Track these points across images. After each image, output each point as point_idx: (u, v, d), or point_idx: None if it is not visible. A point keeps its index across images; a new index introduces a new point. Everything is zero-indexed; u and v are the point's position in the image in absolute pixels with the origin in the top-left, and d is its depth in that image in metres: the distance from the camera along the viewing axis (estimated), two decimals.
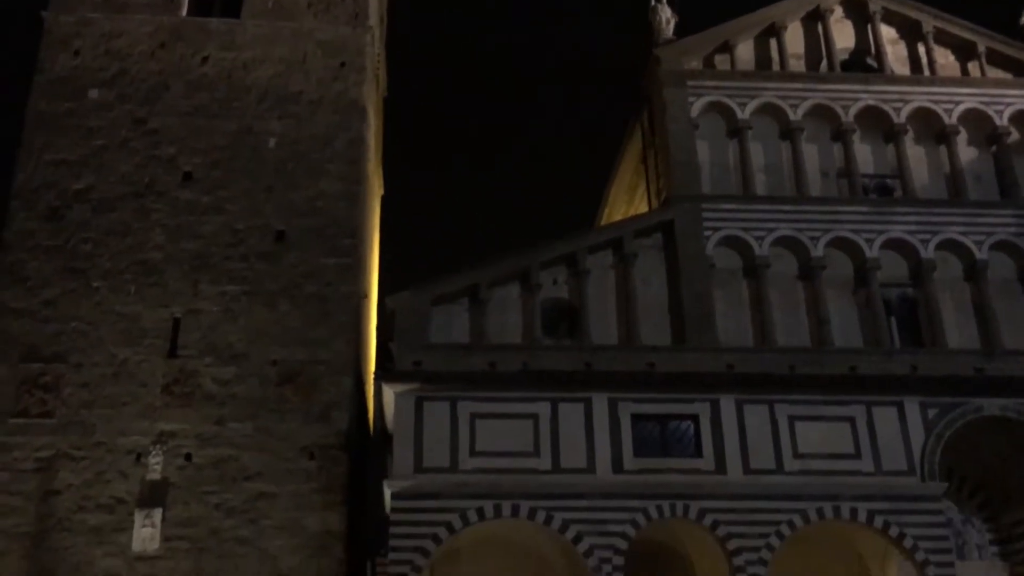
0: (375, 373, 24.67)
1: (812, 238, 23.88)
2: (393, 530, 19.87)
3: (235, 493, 22.26)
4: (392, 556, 19.62)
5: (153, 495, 22.04)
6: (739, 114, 25.30)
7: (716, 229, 23.85)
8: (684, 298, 23.06)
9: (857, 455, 21.19)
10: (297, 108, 26.35)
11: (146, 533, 21.60)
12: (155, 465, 22.37)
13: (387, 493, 20.65)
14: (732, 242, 23.90)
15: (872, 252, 23.82)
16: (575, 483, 20.44)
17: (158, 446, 22.51)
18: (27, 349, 23.12)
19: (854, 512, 20.47)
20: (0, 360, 22.98)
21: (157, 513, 21.78)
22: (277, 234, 24.97)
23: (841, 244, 24.01)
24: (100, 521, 21.72)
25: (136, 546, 21.49)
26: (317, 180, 25.68)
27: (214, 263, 24.50)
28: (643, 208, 27.82)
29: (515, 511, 20.10)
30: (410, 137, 63.42)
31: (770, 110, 25.57)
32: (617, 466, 20.70)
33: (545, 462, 20.71)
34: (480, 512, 19.98)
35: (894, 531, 20.39)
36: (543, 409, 21.14)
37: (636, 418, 21.25)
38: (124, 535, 21.62)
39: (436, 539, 19.73)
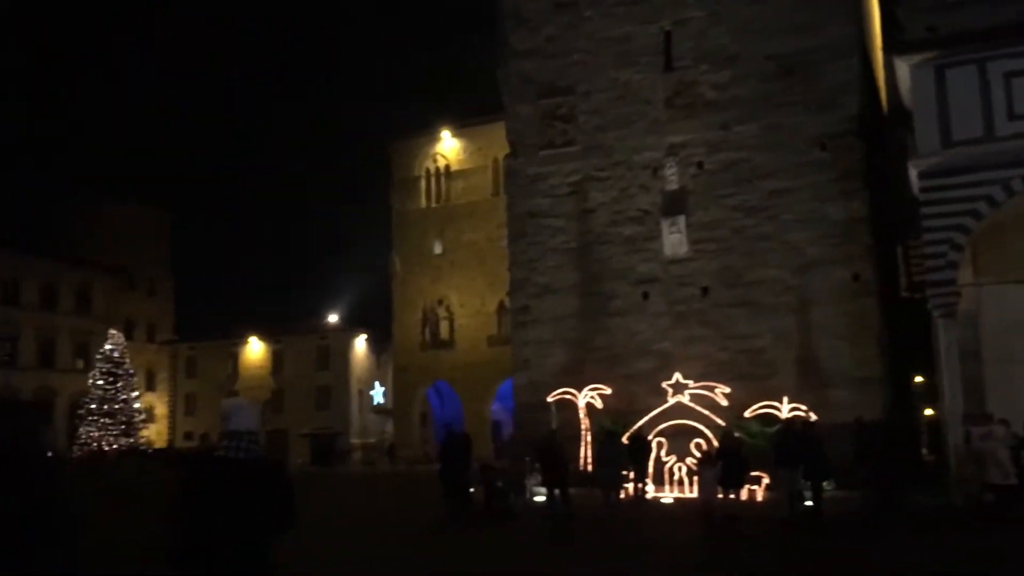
0: (883, 48, 22.52)
1: None
2: (924, 210, 18.54)
3: (750, 193, 22.56)
4: (926, 237, 18.45)
5: (674, 204, 23.26)
6: None
7: None
8: None
9: None
10: None
11: (674, 239, 23.07)
12: (671, 176, 23.42)
13: (912, 174, 19.21)
14: None
15: None
16: None
17: (671, 158, 23.42)
18: (541, 86, 25.07)
19: None
20: (522, 100, 25.33)
21: (681, 220, 23.02)
22: None
23: None
24: (632, 232, 23.64)
25: (667, 251, 23.13)
26: None
27: None
28: None
29: None
30: None
31: None
32: None
33: None
34: None
35: None
36: None
37: None
38: (655, 242, 23.34)
39: (975, 215, 18.02)
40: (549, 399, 22.36)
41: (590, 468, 20.57)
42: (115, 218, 65.05)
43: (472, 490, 17.62)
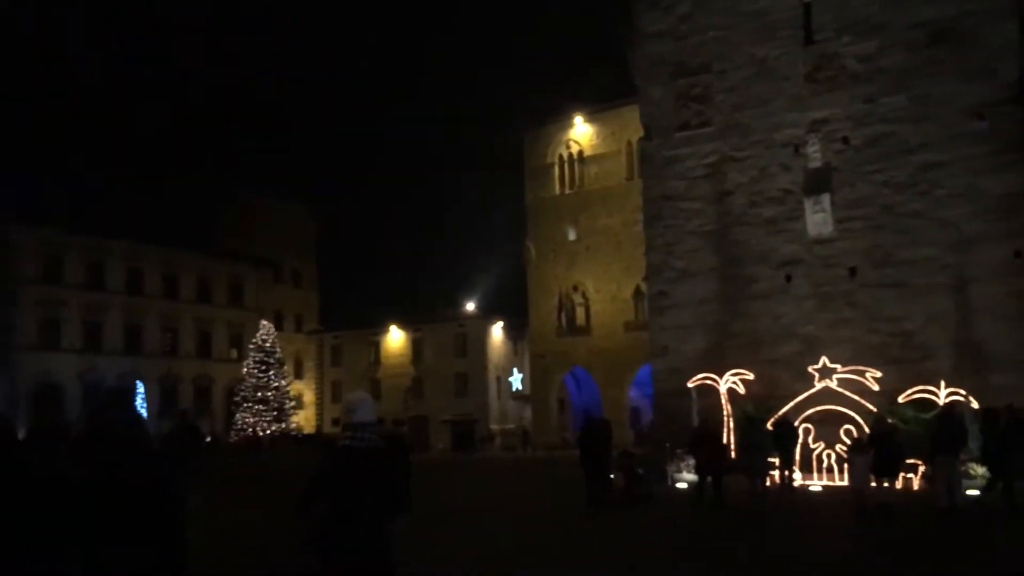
0: None
1: None
2: None
3: (900, 168, 21.52)
4: None
5: (817, 182, 22.43)
6: None
7: None
8: None
9: None
10: None
11: (818, 218, 22.25)
12: (813, 153, 22.58)
13: None
14: None
15: None
16: None
17: (813, 135, 22.58)
18: (674, 67, 24.60)
19: None
20: (653, 82, 24.95)
21: (825, 198, 22.18)
22: None
23: None
24: (773, 212, 22.94)
25: (811, 231, 22.33)
26: None
27: None
28: None
29: None
30: None
31: None
32: None
33: None
34: None
35: None
36: None
37: None
38: (797, 222, 22.57)
39: None
40: (689, 385, 22.02)
41: (733, 455, 20.16)
42: (263, 213, 67.98)
43: (612, 476, 17.58)
